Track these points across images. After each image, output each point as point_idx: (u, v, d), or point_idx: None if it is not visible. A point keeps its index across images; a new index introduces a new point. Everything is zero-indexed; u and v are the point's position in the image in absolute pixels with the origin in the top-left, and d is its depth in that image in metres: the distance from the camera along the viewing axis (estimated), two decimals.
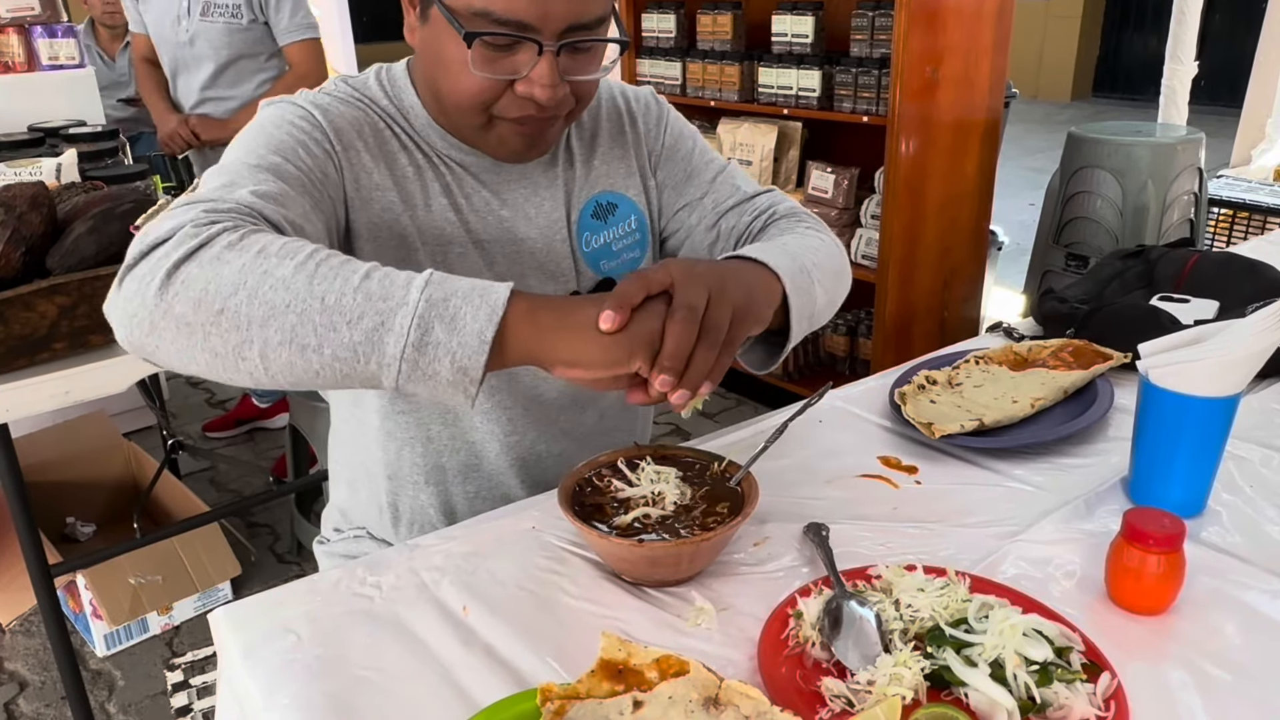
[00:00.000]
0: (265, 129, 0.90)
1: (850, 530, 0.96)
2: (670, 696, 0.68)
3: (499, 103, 0.91)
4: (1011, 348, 1.33)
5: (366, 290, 0.69)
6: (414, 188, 0.98)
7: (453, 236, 0.99)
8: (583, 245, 1.07)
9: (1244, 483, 1.04)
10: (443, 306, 0.69)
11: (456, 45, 0.86)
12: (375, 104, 0.99)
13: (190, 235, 0.71)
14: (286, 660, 0.80)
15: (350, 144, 0.94)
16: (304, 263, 0.70)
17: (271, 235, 0.73)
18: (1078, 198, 2.95)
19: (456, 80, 0.89)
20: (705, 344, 0.75)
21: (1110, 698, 0.71)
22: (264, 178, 0.81)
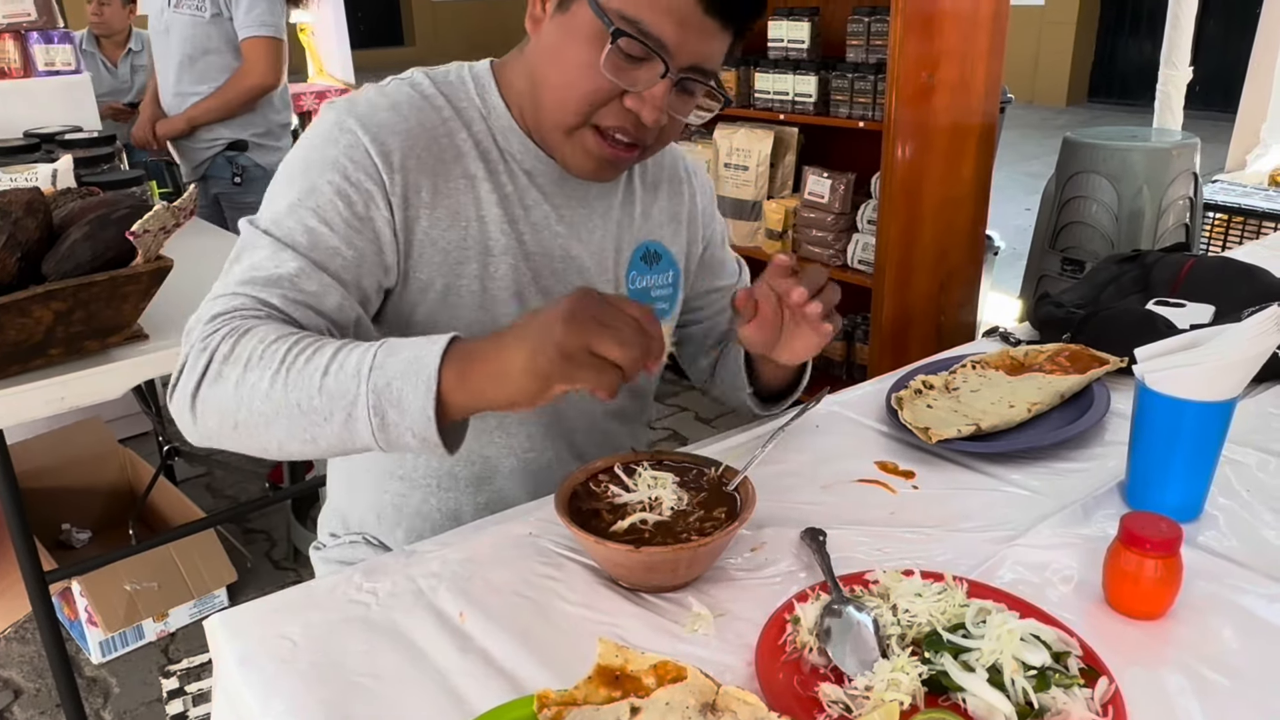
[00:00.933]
0: (311, 166, 0.93)
1: (847, 535, 0.95)
2: (667, 702, 0.68)
3: (602, 110, 0.93)
4: (1008, 352, 1.33)
5: (327, 390, 0.79)
6: (465, 200, 1.00)
7: (505, 247, 1.01)
8: (629, 283, 1.12)
9: (1240, 487, 1.04)
10: (388, 392, 0.78)
11: (590, 43, 0.89)
12: (454, 101, 1.01)
13: (198, 355, 0.84)
14: (282, 667, 0.79)
15: (399, 165, 0.95)
16: (277, 371, 0.80)
17: (259, 338, 0.82)
18: (1073, 203, 2.96)
19: (573, 75, 0.92)
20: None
21: (1108, 702, 0.71)
22: (285, 258, 0.89)
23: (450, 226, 0.99)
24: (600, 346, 0.74)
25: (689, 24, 0.89)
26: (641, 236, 1.13)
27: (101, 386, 1.48)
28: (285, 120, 2.97)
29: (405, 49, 14.75)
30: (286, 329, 0.85)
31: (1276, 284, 1.44)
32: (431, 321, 1.01)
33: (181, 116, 2.84)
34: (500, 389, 0.77)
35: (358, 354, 0.80)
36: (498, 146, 1.02)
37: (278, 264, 0.89)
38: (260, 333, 0.83)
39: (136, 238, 1.37)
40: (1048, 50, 10.11)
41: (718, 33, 0.91)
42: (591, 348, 0.74)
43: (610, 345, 0.74)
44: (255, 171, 2.89)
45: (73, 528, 2.49)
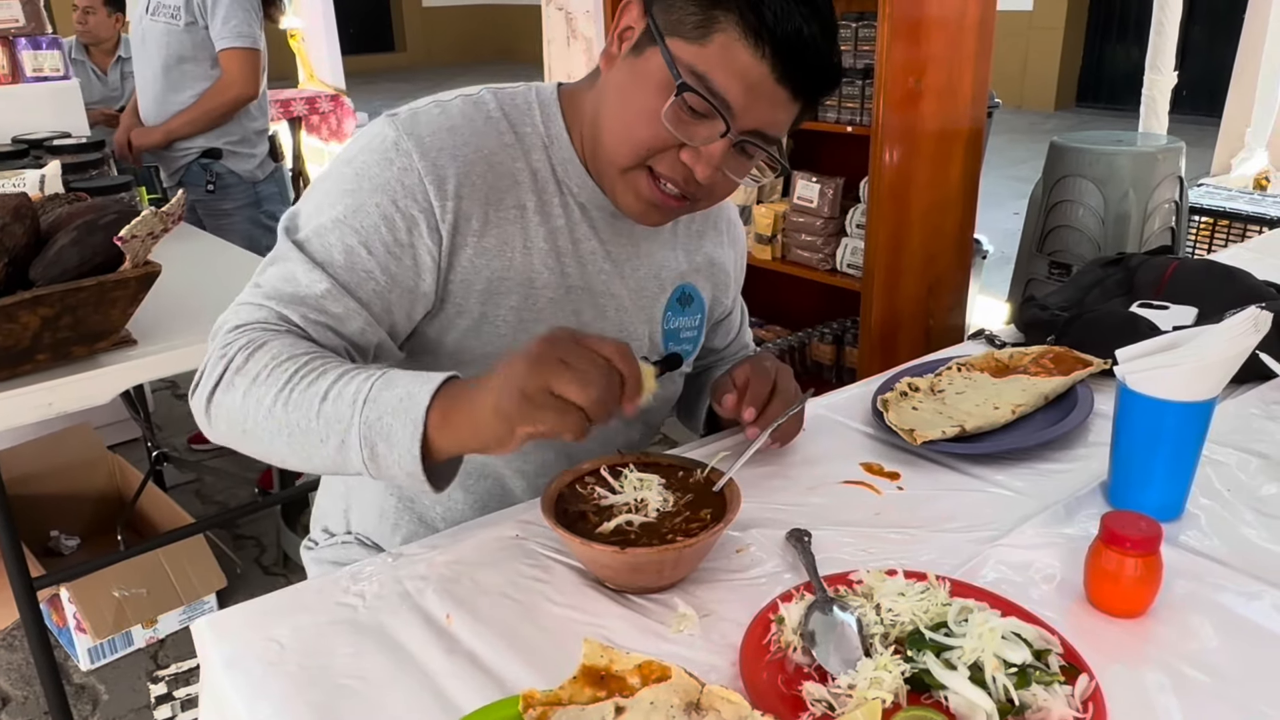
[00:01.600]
0: (362, 183, 0.93)
1: (832, 536, 0.96)
2: (652, 702, 0.69)
3: (658, 157, 0.93)
4: (993, 355, 1.34)
5: (324, 415, 0.82)
6: (514, 230, 0.99)
7: (547, 281, 1.01)
8: (664, 322, 1.13)
9: (1221, 486, 1.05)
10: (379, 425, 0.80)
11: (657, 92, 0.89)
12: (518, 126, 1.00)
13: (216, 362, 0.88)
14: (269, 669, 0.80)
15: (453, 193, 0.94)
16: (281, 390, 0.83)
17: (271, 354, 0.85)
18: (1060, 206, 2.98)
19: (635, 118, 0.92)
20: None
21: (1088, 699, 0.71)
22: (316, 277, 0.90)
23: (496, 256, 0.98)
24: (560, 387, 0.74)
25: (758, 90, 0.88)
26: (680, 279, 1.14)
27: (90, 392, 1.48)
28: (261, 127, 2.96)
29: (395, 54, 14.75)
30: (301, 346, 0.87)
31: (1258, 286, 1.45)
32: (461, 349, 1.00)
33: (160, 130, 2.82)
34: (474, 434, 0.79)
35: (357, 383, 0.82)
36: (555, 177, 1.01)
37: (309, 282, 0.90)
38: (274, 348, 0.86)
39: (124, 243, 1.37)
40: (1036, 55, 10.17)
41: (786, 102, 0.91)
42: (552, 388, 0.75)
43: (570, 386, 0.74)
44: (229, 178, 2.88)
45: (61, 534, 2.48)
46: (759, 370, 1.07)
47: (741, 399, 1.05)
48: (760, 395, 1.05)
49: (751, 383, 1.05)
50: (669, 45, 0.89)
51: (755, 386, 1.05)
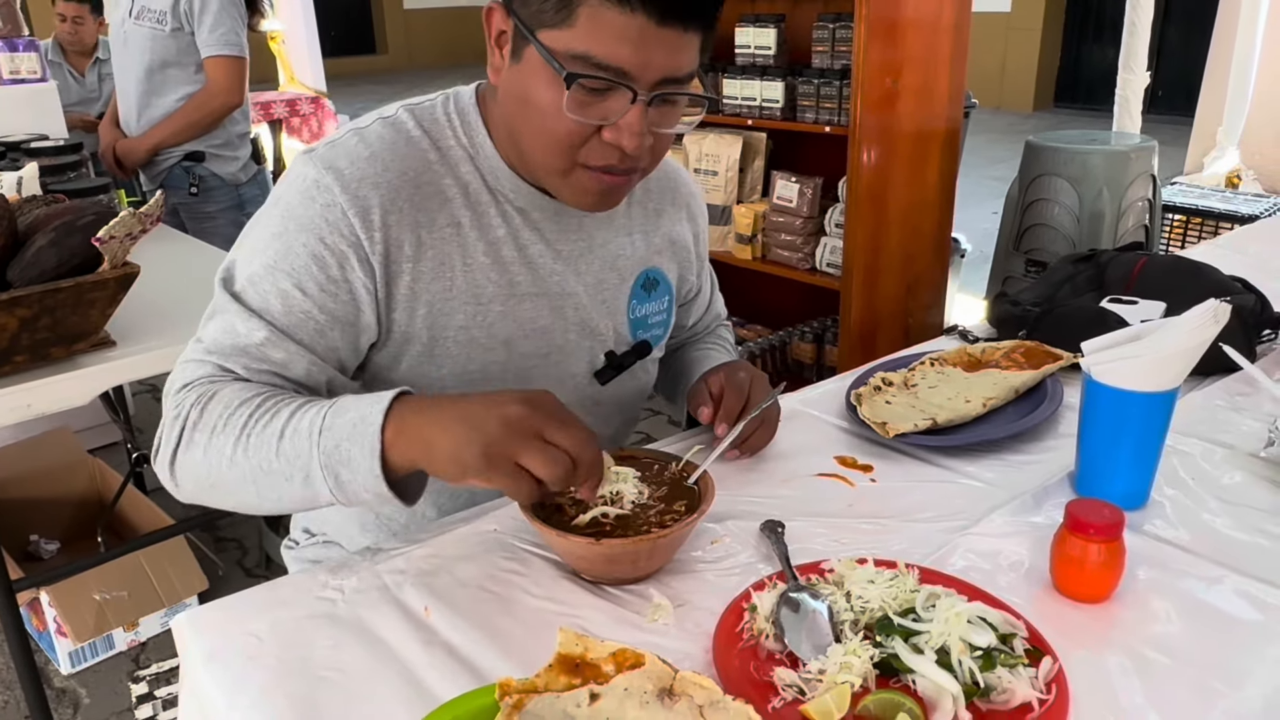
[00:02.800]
0: (288, 226, 0.92)
1: (806, 527, 0.98)
2: (626, 688, 0.70)
3: (583, 149, 0.91)
4: (965, 349, 1.36)
5: (284, 453, 0.83)
6: (451, 248, 0.98)
7: (493, 295, 1.00)
8: (630, 311, 1.12)
9: (1186, 476, 1.07)
10: (337, 453, 0.81)
11: (549, 87, 0.87)
12: (439, 142, 0.99)
13: (172, 425, 0.88)
14: (248, 663, 0.81)
15: (380, 223, 0.93)
16: (239, 437, 0.84)
17: (223, 403, 0.86)
18: (1036, 205, 3.01)
19: (544, 123, 0.89)
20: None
21: (1052, 681, 0.73)
22: (254, 326, 0.90)
23: (435, 278, 0.97)
24: (528, 461, 0.77)
25: (645, 42, 0.84)
26: (643, 264, 1.12)
27: (68, 393, 1.48)
28: (244, 130, 2.95)
29: (377, 57, 14.71)
30: (251, 390, 0.88)
31: (1224, 281, 1.48)
32: (416, 374, 1.00)
33: (146, 143, 2.79)
34: (425, 460, 0.80)
35: (310, 415, 0.83)
36: (488, 187, 0.99)
37: (247, 331, 0.90)
38: (225, 397, 0.87)
39: (103, 244, 1.37)
40: (1014, 56, 10.25)
41: (679, 39, 0.86)
42: (518, 459, 0.77)
43: (539, 462, 0.77)
44: (212, 181, 2.87)
45: (41, 539, 2.47)
46: (733, 384, 1.09)
47: (716, 412, 1.06)
48: (733, 410, 1.06)
49: (725, 395, 1.07)
50: (540, 39, 0.86)
51: (729, 401, 1.07)
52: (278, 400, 0.86)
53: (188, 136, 2.79)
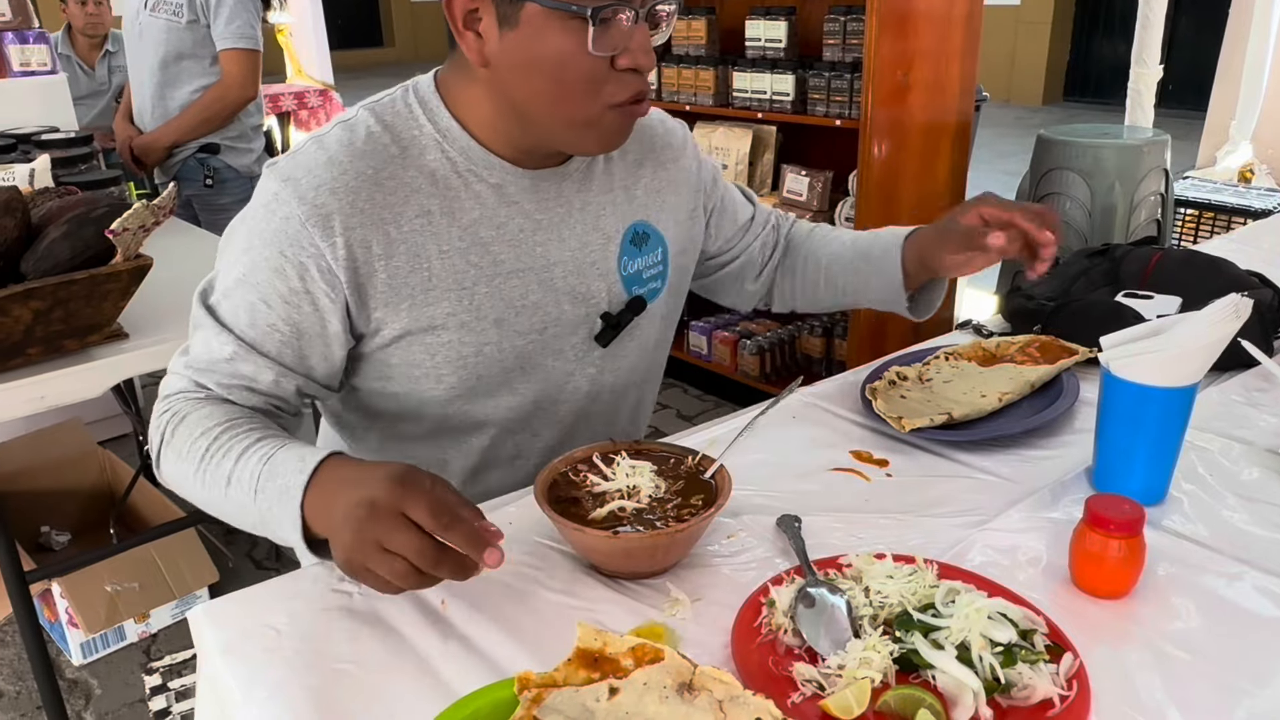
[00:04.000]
0: (253, 240, 0.94)
1: (822, 522, 0.97)
2: (645, 683, 0.70)
3: (606, 88, 0.92)
4: (980, 344, 1.36)
5: (231, 499, 0.88)
6: (423, 239, 0.97)
7: (476, 278, 1.00)
8: (622, 269, 1.10)
9: (1205, 472, 1.07)
10: (270, 516, 0.85)
11: (565, 34, 0.88)
12: (402, 135, 0.98)
13: (155, 434, 0.96)
14: (266, 656, 0.81)
15: (340, 228, 0.93)
16: (196, 470, 0.90)
17: (187, 430, 0.92)
18: (1047, 199, 3.00)
19: (563, 74, 0.90)
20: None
21: (1072, 677, 0.73)
22: (224, 340, 0.95)
23: (412, 271, 0.97)
24: (377, 569, 0.75)
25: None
26: (629, 219, 1.10)
27: (81, 386, 1.48)
28: (257, 122, 2.96)
29: (384, 49, 14.70)
30: (215, 417, 0.92)
31: (1241, 275, 1.47)
32: (411, 363, 1.01)
33: (164, 139, 2.79)
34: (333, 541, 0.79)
35: (250, 468, 0.87)
36: (457, 171, 0.99)
37: (218, 346, 0.95)
38: (190, 422, 0.93)
39: (116, 236, 1.37)
40: (1024, 50, 10.21)
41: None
42: (368, 566, 0.75)
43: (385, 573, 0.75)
44: (227, 173, 2.88)
45: (52, 530, 2.48)
46: (994, 201, 1.10)
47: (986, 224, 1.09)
48: (1001, 216, 1.08)
49: (992, 213, 1.09)
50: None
51: (997, 214, 1.08)
52: (231, 437, 0.90)
53: (205, 131, 2.80)
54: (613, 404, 1.16)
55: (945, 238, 1.14)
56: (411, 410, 1.07)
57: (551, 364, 1.08)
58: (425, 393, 1.04)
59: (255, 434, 0.91)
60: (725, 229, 1.27)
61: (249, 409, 0.97)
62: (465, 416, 1.07)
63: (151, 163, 2.83)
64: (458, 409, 1.06)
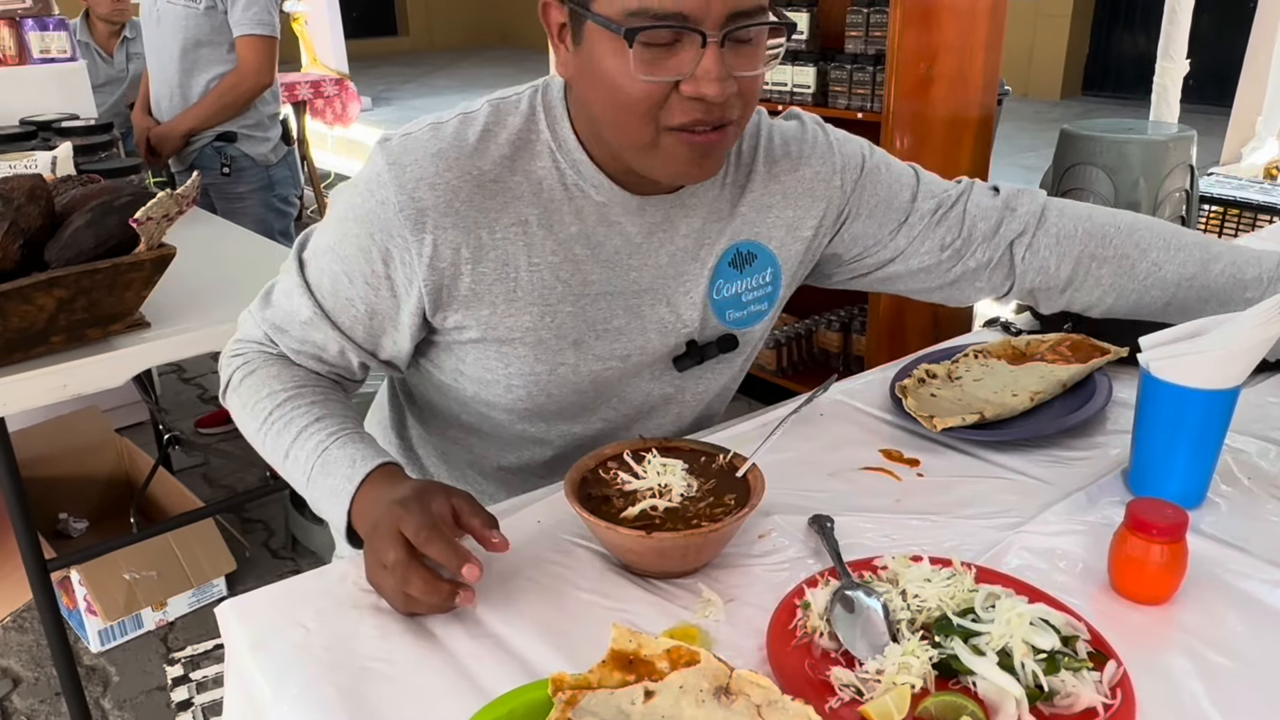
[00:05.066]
0: (350, 211, 0.95)
1: (854, 522, 0.96)
2: (681, 686, 0.69)
3: (665, 110, 0.85)
4: (1010, 342, 1.34)
5: (288, 471, 0.95)
6: (515, 249, 0.94)
7: (562, 295, 0.97)
8: (713, 293, 1.03)
9: (1241, 475, 1.05)
10: (320, 506, 0.92)
11: (615, 56, 0.83)
12: (518, 137, 0.94)
13: (226, 368, 1.04)
14: (295, 652, 0.80)
15: (433, 225, 0.91)
16: (260, 428, 0.97)
17: (255, 385, 0.99)
18: (1070, 195, 2.97)
19: (616, 95, 0.85)
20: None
21: (1116, 685, 0.71)
22: (304, 304, 0.98)
23: (498, 279, 0.94)
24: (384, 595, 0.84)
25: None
26: (729, 240, 1.03)
27: (103, 374, 1.48)
28: (274, 110, 2.95)
29: (398, 39, 14.68)
30: (282, 379, 0.98)
31: None
32: (482, 368, 1.00)
33: (180, 128, 2.79)
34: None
35: (306, 453, 0.93)
36: (564, 183, 0.95)
37: (299, 306, 0.98)
38: (259, 378, 0.99)
39: (140, 225, 1.37)
40: (1042, 43, 10.11)
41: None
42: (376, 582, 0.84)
43: (390, 599, 0.83)
44: (243, 161, 2.87)
45: (70, 517, 2.49)
46: None
47: None
48: None
49: None
50: (594, 10, 0.83)
51: None
52: (294, 406, 0.96)
53: (221, 119, 2.79)
54: (690, 427, 1.15)
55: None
56: (478, 411, 1.06)
57: (627, 391, 1.05)
58: (494, 398, 1.03)
59: (316, 410, 0.96)
60: (889, 221, 1.10)
61: (315, 374, 1.02)
62: (532, 427, 1.07)
63: (168, 152, 2.83)
64: (525, 418, 1.05)
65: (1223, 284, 1.04)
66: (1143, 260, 1.08)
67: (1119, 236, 1.09)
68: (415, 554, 0.81)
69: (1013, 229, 1.10)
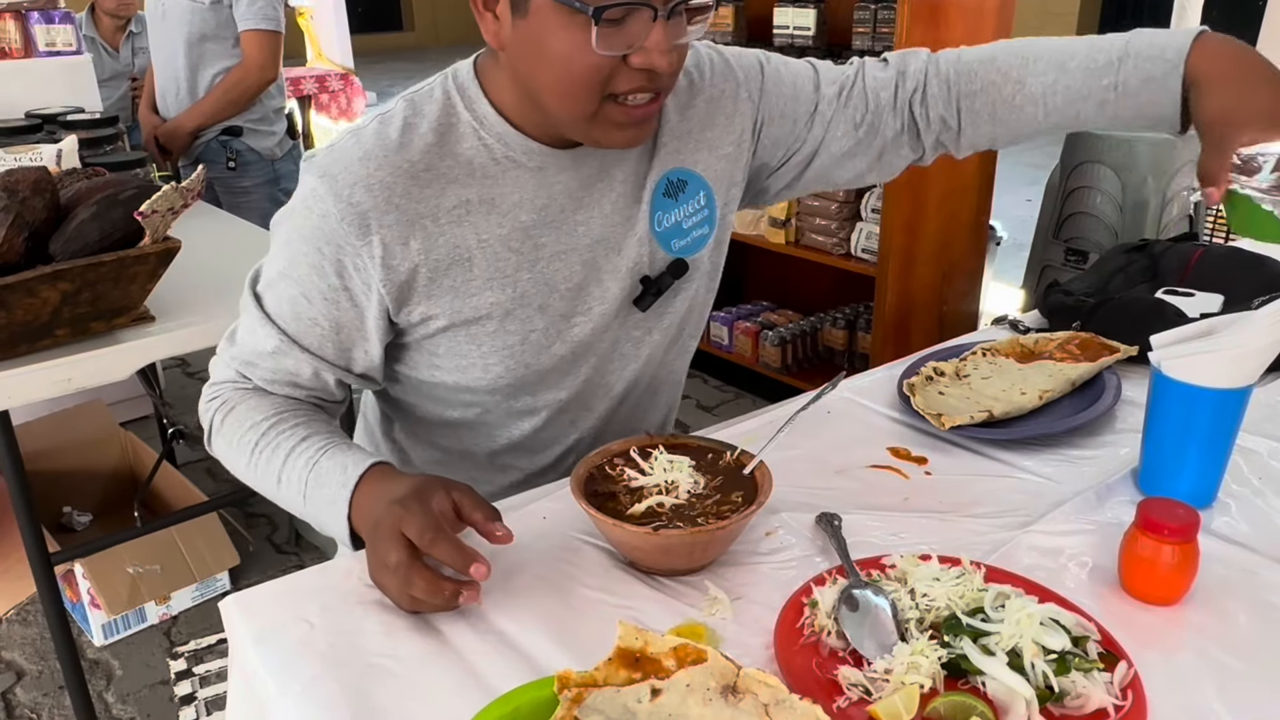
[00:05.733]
0: (293, 234, 0.95)
1: (862, 520, 0.96)
2: (688, 684, 0.68)
3: (614, 81, 0.88)
4: (1018, 340, 1.33)
5: (283, 496, 0.95)
6: (463, 231, 0.96)
7: (518, 264, 0.98)
8: (655, 225, 1.05)
9: (1252, 475, 1.04)
10: (319, 519, 0.92)
11: (569, 30, 0.85)
12: (439, 124, 0.96)
13: (205, 416, 1.03)
14: (299, 648, 0.79)
15: (376, 225, 0.92)
16: (248, 462, 0.97)
17: (236, 422, 0.98)
18: (1078, 193, 2.96)
19: (568, 68, 0.87)
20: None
21: (1127, 686, 0.71)
22: (268, 333, 0.97)
23: (453, 263, 0.96)
24: (384, 585, 0.84)
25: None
26: (659, 172, 1.04)
27: (108, 368, 1.48)
28: (279, 105, 2.94)
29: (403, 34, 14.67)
30: (262, 410, 0.98)
31: None
32: (457, 353, 1.00)
33: (187, 125, 2.78)
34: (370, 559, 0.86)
35: (297, 471, 0.93)
36: (495, 158, 0.97)
37: (264, 337, 0.98)
38: (240, 414, 0.98)
39: (145, 218, 1.36)
40: None
41: None
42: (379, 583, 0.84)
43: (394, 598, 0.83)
44: (249, 156, 2.87)
45: (74, 511, 2.49)
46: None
47: None
48: None
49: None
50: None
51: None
52: (279, 432, 0.95)
53: (228, 114, 2.79)
54: (663, 363, 1.14)
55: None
56: (462, 399, 1.06)
57: (598, 341, 1.06)
58: (474, 382, 1.02)
59: (300, 430, 0.95)
60: (798, 119, 1.11)
61: (295, 400, 1.00)
62: (517, 402, 1.06)
63: (178, 149, 2.82)
64: (509, 395, 1.05)
65: (1081, 79, 1.02)
66: (1006, 83, 1.06)
67: (984, 67, 1.07)
68: (417, 554, 0.81)
69: (908, 90, 1.10)
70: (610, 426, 1.13)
